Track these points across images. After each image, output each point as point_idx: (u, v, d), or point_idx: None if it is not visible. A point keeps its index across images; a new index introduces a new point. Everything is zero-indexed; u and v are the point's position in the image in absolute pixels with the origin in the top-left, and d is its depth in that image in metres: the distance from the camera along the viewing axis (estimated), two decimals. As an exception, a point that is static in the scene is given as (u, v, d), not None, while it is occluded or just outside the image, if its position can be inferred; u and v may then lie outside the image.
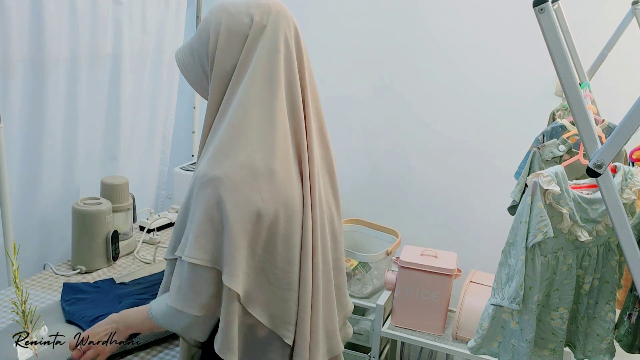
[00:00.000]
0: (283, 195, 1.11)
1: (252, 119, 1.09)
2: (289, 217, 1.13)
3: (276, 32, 1.11)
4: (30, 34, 1.72)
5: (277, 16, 1.12)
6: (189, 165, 2.39)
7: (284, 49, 1.11)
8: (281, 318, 1.16)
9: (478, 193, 2.32)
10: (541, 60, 1.46)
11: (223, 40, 1.11)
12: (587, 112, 1.05)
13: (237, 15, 1.11)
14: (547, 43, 1.02)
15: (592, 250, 1.36)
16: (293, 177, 1.13)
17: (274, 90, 1.10)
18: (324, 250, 1.21)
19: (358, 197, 2.55)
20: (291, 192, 1.12)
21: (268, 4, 1.12)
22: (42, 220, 1.89)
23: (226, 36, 1.11)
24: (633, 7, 1.63)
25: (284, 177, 1.11)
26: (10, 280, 1.65)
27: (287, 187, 1.11)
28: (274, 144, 1.10)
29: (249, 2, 1.13)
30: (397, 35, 2.34)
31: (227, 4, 1.14)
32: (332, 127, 2.51)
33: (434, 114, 2.34)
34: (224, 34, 1.11)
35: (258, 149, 1.09)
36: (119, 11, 2.02)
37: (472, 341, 1.46)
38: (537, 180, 1.27)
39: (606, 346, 1.40)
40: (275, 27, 1.11)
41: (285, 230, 1.12)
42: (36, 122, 1.80)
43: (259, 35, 1.10)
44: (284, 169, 1.11)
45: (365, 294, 2.06)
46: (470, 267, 2.07)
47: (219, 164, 1.08)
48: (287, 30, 1.12)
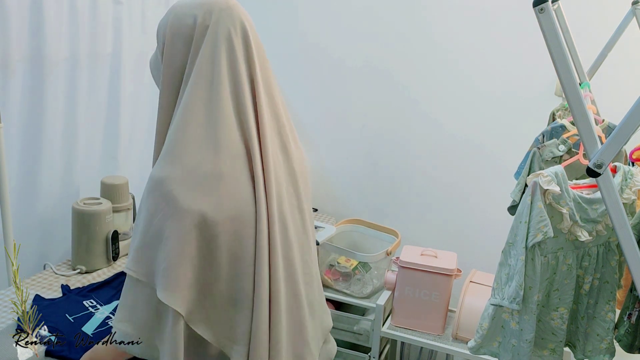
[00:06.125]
0: (229, 203, 1.03)
1: (196, 121, 1.05)
2: (236, 227, 1.04)
3: (218, 31, 1.07)
4: (30, 34, 1.72)
5: (219, 14, 1.08)
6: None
7: (226, 48, 1.07)
8: (228, 337, 1.07)
9: (478, 193, 2.32)
10: (541, 60, 1.46)
11: (169, 42, 1.10)
12: (587, 112, 1.05)
13: (182, 16, 1.10)
14: (547, 43, 1.02)
15: (592, 250, 1.36)
16: (244, 184, 1.05)
17: (218, 91, 1.06)
18: (288, 264, 1.12)
19: (358, 197, 2.55)
20: (240, 201, 1.04)
21: (212, 2, 1.09)
22: (42, 220, 1.89)
23: (172, 38, 1.10)
24: (633, 7, 1.63)
25: (231, 181, 1.04)
26: (10, 280, 1.65)
27: (235, 193, 1.04)
28: (218, 145, 1.03)
29: (196, 1, 1.10)
30: (399, 35, 2.34)
31: (177, 6, 1.12)
32: (333, 128, 2.54)
33: (434, 114, 2.34)
34: (170, 36, 1.10)
35: (202, 151, 1.03)
36: (119, 11, 2.02)
37: (472, 341, 1.46)
38: (537, 180, 1.27)
39: (606, 346, 1.40)
40: (218, 26, 1.08)
41: (230, 241, 1.04)
42: (36, 122, 1.80)
43: (202, 35, 1.08)
44: (231, 171, 1.04)
45: (365, 294, 2.06)
46: (470, 267, 2.07)
47: (162, 169, 1.04)
48: (231, 27, 1.08)
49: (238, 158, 1.05)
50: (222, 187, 1.03)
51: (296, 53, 2.52)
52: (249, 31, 1.10)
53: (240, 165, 1.05)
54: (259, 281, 1.06)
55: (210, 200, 1.01)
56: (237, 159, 1.05)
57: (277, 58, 2.57)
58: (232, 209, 1.03)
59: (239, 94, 1.07)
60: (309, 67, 2.52)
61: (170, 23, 1.11)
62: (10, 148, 1.70)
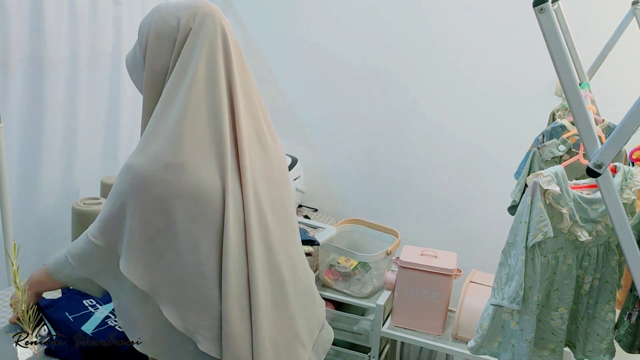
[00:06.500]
0: (192, 190, 1.08)
1: (167, 114, 1.10)
2: (198, 216, 1.09)
3: (200, 34, 1.12)
4: (30, 34, 1.72)
5: (203, 18, 1.13)
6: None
7: (207, 49, 1.12)
8: (192, 322, 1.10)
9: (478, 193, 2.32)
10: (541, 60, 1.46)
11: (152, 42, 1.14)
12: (587, 112, 1.05)
13: (166, 18, 1.14)
14: (547, 43, 1.02)
15: (592, 250, 1.36)
16: (206, 166, 1.10)
17: (190, 88, 1.10)
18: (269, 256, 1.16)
19: (358, 197, 2.55)
20: (204, 188, 1.09)
21: (196, 6, 1.14)
22: (42, 220, 1.89)
23: (155, 39, 1.14)
24: (633, 7, 1.63)
25: (193, 170, 1.08)
26: (10, 280, 1.65)
27: (199, 182, 1.09)
28: (181, 137, 1.08)
29: (180, 4, 1.15)
30: (399, 35, 2.34)
31: (160, 7, 1.17)
32: (333, 128, 2.54)
33: (434, 114, 2.34)
34: (153, 37, 1.14)
35: (167, 142, 1.08)
36: (119, 11, 2.02)
37: (472, 341, 1.46)
38: (537, 180, 1.27)
39: (606, 346, 1.40)
40: (200, 29, 1.12)
41: (188, 223, 1.08)
42: (36, 122, 1.80)
43: (184, 38, 1.12)
44: (192, 161, 1.09)
45: (365, 294, 2.06)
46: (470, 267, 2.07)
47: (133, 156, 1.11)
48: (212, 32, 1.13)
49: (201, 144, 1.10)
50: (181, 169, 1.08)
51: (296, 53, 2.52)
52: (228, 36, 1.16)
53: (203, 150, 1.10)
54: (226, 266, 1.09)
55: (169, 181, 1.07)
56: (199, 145, 1.10)
57: (277, 58, 2.57)
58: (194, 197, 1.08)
59: (214, 90, 1.12)
60: (309, 68, 2.52)
61: (154, 23, 1.15)
62: (10, 148, 1.70)
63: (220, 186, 1.10)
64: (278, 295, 1.17)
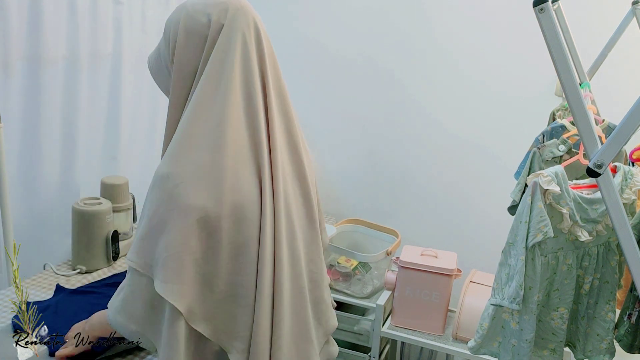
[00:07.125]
0: (232, 199, 1.03)
1: (203, 118, 1.05)
2: (238, 221, 1.04)
3: (233, 31, 1.07)
4: (30, 34, 1.72)
5: (235, 14, 1.08)
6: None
7: (241, 48, 1.07)
8: (227, 333, 1.07)
9: (478, 193, 2.32)
10: (541, 60, 1.46)
11: (182, 40, 1.08)
12: (587, 112, 1.05)
13: (194, 14, 1.08)
14: (547, 43, 1.02)
15: (592, 250, 1.36)
16: (248, 179, 1.05)
17: (228, 89, 1.05)
18: (293, 256, 1.12)
19: (358, 197, 2.55)
20: (243, 195, 1.04)
21: (226, 1, 1.09)
22: (42, 220, 1.88)
23: (185, 36, 1.08)
24: (633, 7, 1.63)
25: (233, 176, 1.04)
26: (10, 280, 1.65)
27: (237, 188, 1.04)
28: (224, 144, 1.03)
29: (208, 1, 1.10)
30: (400, 35, 2.34)
31: (187, 4, 1.11)
32: (333, 128, 2.54)
33: (435, 114, 2.34)
34: (183, 35, 1.08)
35: (205, 149, 1.03)
36: (119, 11, 2.01)
37: (472, 341, 1.46)
38: (537, 180, 1.27)
39: (606, 346, 1.40)
40: (233, 26, 1.07)
41: (233, 235, 1.04)
42: (36, 121, 1.80)
43: (216, 34, 1.07)
44: (234, 167, 1.04)
45: (365, 294, 2.06)
46: (470, 267, 2.07)
47: (167, 164, 1.05)
48: (245, 28, 1.08)
49: (242, 155, 1.05)
50: (224, 183, 1.03)
51: (296, 52, 2.52)
52: (261, 31, 1.11)
53: (243, 161, 1.05)
54: (262, 274, 1.05)
55: (212, 195, 1.02)
56: (240, 156, 1.05)
57: (278, 57, 2.56)
58: (234, 203, 1.04)
59: (250, 92, 1.08)
60: (310, 67, 2.52)
61: (183, 20, 1.09)
62: (10, 148, 1.70)
63: (257, 199, 1.06)
64: (297, 304, 1.14)
